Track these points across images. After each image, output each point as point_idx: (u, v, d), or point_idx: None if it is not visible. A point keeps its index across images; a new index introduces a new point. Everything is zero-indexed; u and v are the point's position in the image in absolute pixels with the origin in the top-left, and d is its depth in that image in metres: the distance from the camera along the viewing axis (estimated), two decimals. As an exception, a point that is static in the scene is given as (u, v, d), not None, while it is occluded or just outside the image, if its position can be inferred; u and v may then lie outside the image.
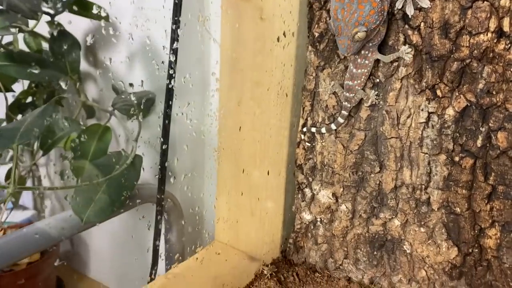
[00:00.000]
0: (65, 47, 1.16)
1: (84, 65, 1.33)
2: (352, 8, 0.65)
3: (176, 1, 0.90)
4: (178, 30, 0.90)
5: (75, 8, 1.14)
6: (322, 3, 0.78)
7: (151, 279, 0.96)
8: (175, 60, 0.90)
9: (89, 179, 0.85)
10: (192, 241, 1.13)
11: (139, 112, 0.93)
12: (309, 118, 0.86)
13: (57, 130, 1.07)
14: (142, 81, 1.08)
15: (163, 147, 0.90)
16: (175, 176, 1.09)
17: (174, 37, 0.90)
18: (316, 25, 0.80)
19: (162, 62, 1.07)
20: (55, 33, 1.16)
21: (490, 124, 0.68)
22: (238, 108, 0.95)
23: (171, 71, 0.91)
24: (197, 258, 1.00)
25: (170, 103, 0.93)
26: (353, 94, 0.77)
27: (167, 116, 0.90)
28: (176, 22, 0.89)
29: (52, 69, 1.11)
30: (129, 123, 1.06)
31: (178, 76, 1.07)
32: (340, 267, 0.88)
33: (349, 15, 0.66)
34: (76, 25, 1.23)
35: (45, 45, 1.24)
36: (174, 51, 0.88)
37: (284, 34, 0.81)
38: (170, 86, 0.92)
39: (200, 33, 1.08)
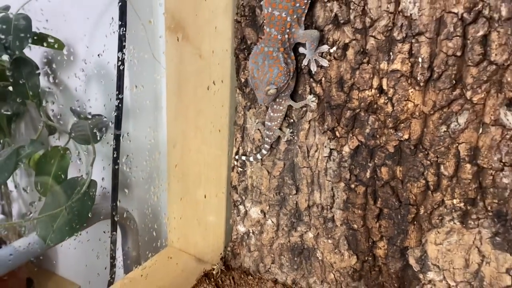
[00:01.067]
0: (24, 73, 1.27)
1: (45, 85, 1.43)
2: (264, 70, 0.81)
3: (121, 33, 1.00)
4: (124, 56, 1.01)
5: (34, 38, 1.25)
6: (246, 54, 0.93)
7: (110, 283, 1.11)
8: (122, 81, 1.01)
9: (52, 201, 0.98)
10: (148, 248, 1.28)
11: (94, 140, 1.06)
12: (240, 148, 1.01)
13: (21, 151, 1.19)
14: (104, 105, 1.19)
15: (115, 167, 1.03)
16: (127, 190, 1.23)
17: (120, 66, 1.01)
18: (242, 72, 0.95)
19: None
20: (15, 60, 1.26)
21: (375, 161, 0.85)
22: (184, 134, 1.09)
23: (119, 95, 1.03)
24: (145, 267, 1.16)
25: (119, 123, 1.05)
26: (272, 133, 0.92)
27: (117, 136, 1.03)
28: (122, 48, 0.99)
29: (14, 93, 1.23)
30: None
31: (140, 99, 1.20)
32: (269, 270, 1.05)
33: (262, 75, 0.81)
34: (34, 51, 1.34)
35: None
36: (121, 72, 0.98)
37: (214, 82, 0.96)
38: (118, 107, 1.04)
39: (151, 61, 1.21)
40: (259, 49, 0.81)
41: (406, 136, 0.80)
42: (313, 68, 0.84)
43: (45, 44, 1.25)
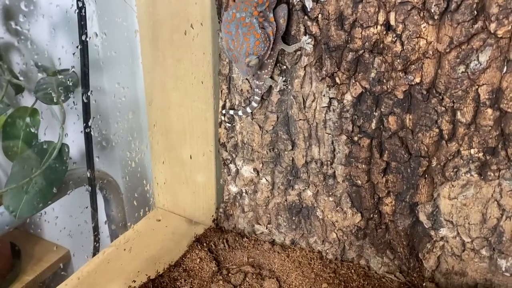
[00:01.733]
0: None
1: (5, 37, 1.28)
2: (239, 39, 0.70)
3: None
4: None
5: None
6: (228, -9, 0.79)
7: (94, 254, 1.03)
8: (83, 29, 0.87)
9: (20, 169, 0.88)
10: (135, 211, 1.19)
11: (61, 98, 0.94)
12: (227, 100, 0.90)
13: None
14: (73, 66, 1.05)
15: (86, 130, 0.92)
16: (110, 149, 1.13)
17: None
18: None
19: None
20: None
21: (382, 109, 0.74)
22: (164, 86, 0.97)
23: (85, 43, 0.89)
24: (137, 229, 1.07)
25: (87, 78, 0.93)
26: (262, 82, 0.81)
27: (86, 94, 0.91)
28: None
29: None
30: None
31: (105, 49, 1.06)
32: (265, 232, 0.98)
33: (239, 45, 0.70)
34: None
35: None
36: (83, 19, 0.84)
37: (192, 26, 0.82)
38: (84, 61, 0.91)
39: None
40: (230, 16, 0.69)
41: (417, 80, 0.69)
42: (308, 3, 0.72)
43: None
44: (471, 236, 0.77)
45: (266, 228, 0.96)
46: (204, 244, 0.97)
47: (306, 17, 0.74)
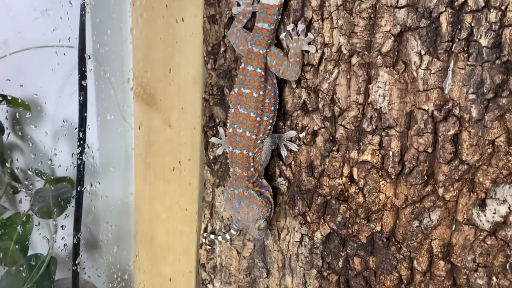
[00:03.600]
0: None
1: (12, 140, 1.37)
2: (244, 211, 0.79)
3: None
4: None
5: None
6: (215, 132, 0.89)
7: None
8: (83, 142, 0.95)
9: (10, 280, 0.92)
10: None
11: (57, 212, 1.01)
12: (209, 224, 0.97)
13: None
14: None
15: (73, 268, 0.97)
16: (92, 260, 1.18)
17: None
18: (211, 150, 0.91)
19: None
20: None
21: (348, 250, 0.81)
22: (152, 204, 1.05)
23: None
24: None
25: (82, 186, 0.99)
26: (241, 214, 0.88)
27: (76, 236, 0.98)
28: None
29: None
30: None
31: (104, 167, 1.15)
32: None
33: (246, 216, 0.79)
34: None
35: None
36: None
37: (180, 162, 0.92)
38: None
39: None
40: (230, 194, 0.80)
41: (378, 228, 0.77)
42: (283, 152, 0.81)
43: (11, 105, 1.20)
44: None
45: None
46: None
47: (281, 162, 0.83)
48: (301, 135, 0.79)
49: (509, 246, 0.68)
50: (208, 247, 0.98)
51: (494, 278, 0.70)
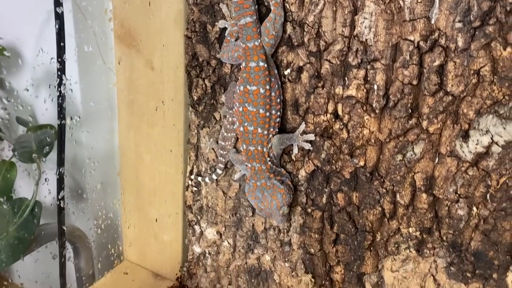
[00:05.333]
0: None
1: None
2: (268, 200, 0.80)
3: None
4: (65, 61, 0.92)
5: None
6: (198, 71, 0.87)
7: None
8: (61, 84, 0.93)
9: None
10: (104, 263, 1.23)
11: (39, 156, 0.99)
12: (194, 167, 0.97)
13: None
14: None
15: (59, 195, 0.97)
16: (78, 204, 1.17)
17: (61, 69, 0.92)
18: (195, 90, 0.89)
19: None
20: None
21: (331, 186, 0.82)
22: (138, 148, 1.03)
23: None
24: (104, 281, 1.11)
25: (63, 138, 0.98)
26: (226, 152, 0.88)
27: (58, 170, 0.97)
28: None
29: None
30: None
31: (84, 102, 1.13)
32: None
33: (269, 204, 0.80)
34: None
35: None
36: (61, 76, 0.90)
37: (162, 102, 0.90)
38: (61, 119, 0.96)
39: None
40: (252, 186, 0.81)
41: (361, 163, 0.77)
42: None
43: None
44: (411, 307, 0.84)
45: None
46: (167, 301, 1.01)
47: (266, 101, 0.82)
48: (286, 72, 0.78)
49: (490, 176, 0.69)
50: (194, 188, 0.98)
51: (474, 208, 0.72)
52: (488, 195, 0.70)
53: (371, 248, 0.83)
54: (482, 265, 0.75)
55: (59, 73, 0.81)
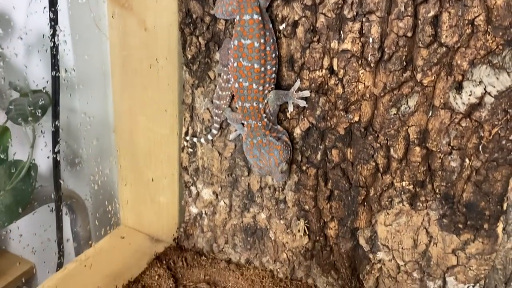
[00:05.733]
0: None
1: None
2: (266, 157, 0.80)
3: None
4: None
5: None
6: (192, 29, 0.87)
7: (57, 270, 1.07)
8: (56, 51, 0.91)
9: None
10: (101, 227, 1.24)
11: (34, 119, 0.99)
12: (190, 128, 0.97)
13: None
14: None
15: (53, 156, 0.97)
16: (73, 168, 1.18)
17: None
18: (188, 48, 0.89)
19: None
20: None
21: (326, 143, 0.82)
22: (132, 109, 1.03)
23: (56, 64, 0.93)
24: (101, 245, 1.12)
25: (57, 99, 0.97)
26: (221, 111, 0.88)
27: (54, 123, 0.96)
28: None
29: None
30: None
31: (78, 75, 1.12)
32: (222, 250, 1.04)
33: (267, 162, 0.80)
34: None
35: None
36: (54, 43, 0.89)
37: (157, 60, 0.90)
38: (56, 81, 0.95)
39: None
40: (249, 144, 0.81)
41: (356, 119, 0.78)
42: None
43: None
44: (404, 259, 0.85)
45: None
46: (164, 261, 1.02)
47: (261, 58, 0.82)
48: (281, 27, 0.78)
49: (483, 127, 0.70)
50: (190, 150, 0.99)
51: (467, 160, 0.73)
52: (480, 146, 0.71)
53: (365, 203, 0.85)
54: (474, 216, 0.76)
55: (52, 23, 0.80)
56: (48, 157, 1.11)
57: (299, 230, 0.90)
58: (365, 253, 0.89)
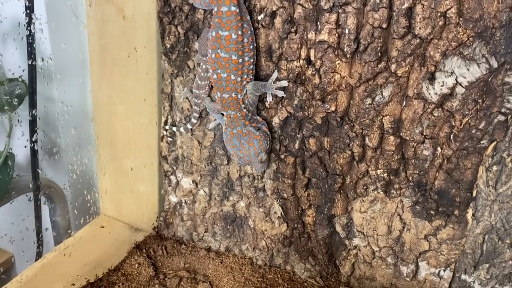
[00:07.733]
0: None
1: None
2: (245, 147, 0.81)
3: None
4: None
5: None
6: (171, 18, 0.87)
7: (37, 259, 1.07)
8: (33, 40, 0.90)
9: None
10: (80, 217, 1.23)
11: (10, 108, 0.97)
12: (169, 117, 0.97)
13: None
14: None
15: (33, 138, 0.96)
16: (52, 157, 1.16)
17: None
18: (167, 38, 0.89)
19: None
20: None
21: (304, 132, 0.84)
22: (111, 98, 1.03)
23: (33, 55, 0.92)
24: (81, 235, 1.12)
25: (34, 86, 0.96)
26: (200, 101, 0.89)
27: (31, 112, 0.95)
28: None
29: None
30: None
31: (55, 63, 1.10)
32: (202, 239, 1.05)
33: (247, 151, 0.82)
34: None
35: None
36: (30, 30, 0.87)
37: (135, 49, 0.89)
38: (33, 70, 0.93)
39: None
40: (229, 134, 0.82)
41: (333, 108, 0.79)
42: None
43: None
44: (379, 245, 0.88)
45: None
46: (144, 250, 1.03)
47: (239, 47, 0.83)
48: (259, 18, 0.78)
49: (454, 117, 0.72)
50: (169, 139, 0.99)
51: (439, 148, 0.76)
52: (451, 135, 0.74)
53: (341, 191, 0.87)
54: (445, 203, 0.79)
55: (28, 11, 0.79)
56: (25, 147, 1.10)
57: (275, 212, 0.92)
58: (341, 239, 0.91)
